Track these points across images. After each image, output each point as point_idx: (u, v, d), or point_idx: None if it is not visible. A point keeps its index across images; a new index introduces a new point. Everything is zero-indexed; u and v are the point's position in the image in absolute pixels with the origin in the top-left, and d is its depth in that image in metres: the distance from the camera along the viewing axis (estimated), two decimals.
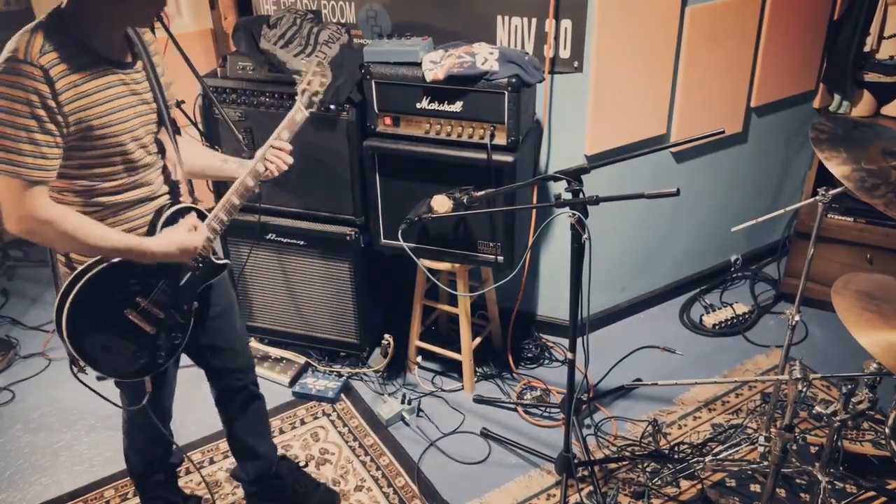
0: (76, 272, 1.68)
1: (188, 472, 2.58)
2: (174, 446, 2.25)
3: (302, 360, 3.04)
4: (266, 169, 1.90)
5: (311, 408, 2.88)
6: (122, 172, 1.70)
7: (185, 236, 1.75)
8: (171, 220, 1.79)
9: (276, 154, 1.90)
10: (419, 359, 3.04)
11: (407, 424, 2.77)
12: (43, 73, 1.48)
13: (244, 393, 2.21)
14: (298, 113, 1.95)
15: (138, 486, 2.27)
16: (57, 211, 1.59)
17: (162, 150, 1.84)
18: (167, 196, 1.85)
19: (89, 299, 1.68)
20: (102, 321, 1.73)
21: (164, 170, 1.85)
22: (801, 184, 3.61)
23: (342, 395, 2.92)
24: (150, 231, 1.78)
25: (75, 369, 1.75)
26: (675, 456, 2.53)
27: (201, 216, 1.85)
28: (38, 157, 1.52)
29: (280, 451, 2.53)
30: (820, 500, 2.04)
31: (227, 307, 2.07)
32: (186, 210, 1.83)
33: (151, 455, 2.19)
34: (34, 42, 1.50)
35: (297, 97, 1.97)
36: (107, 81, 1.61)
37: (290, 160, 1.94)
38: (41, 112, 1.50)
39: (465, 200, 2.22)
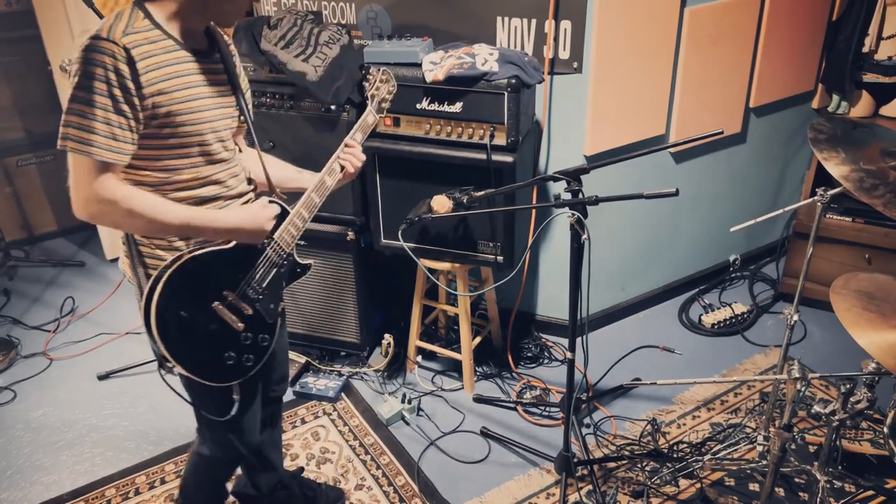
0: (161, 267, 1.63)
1: None
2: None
3: (302, 359, 3.05)
4: (342, 168, 1.93)
5: (312, 407, 2.88)
6: (198, 164, 1.67)
7: (260, 210, 1.73)
8: None
9: (348, 153, 1.94)
10: (419, 358, 3.05)
11: (407, 424, 2.78)
12: (125, 52, 1.46)
13: (276, 404, 2.18)
14: (370, 116, 2.07)
15: None
16: (124, 190, 1.55)
17: (237, 147, 1.82)
18: (246, 195, 1.82)
19: (177, 294, 1.63)
20: (192, 316, 1.66)
21: (239, 168, 1.82)
22: (800, 184, 3.61)
23: (342, 395, 2.92)
24: None
25: (163, 371, 1.70)
26: (674, 455, 2.53)
27: (285, 212, 1.82)
28: (110, 137, 1.49)
29: None
30: (818, 500, 2.05)
31: (286, 337, 2.06)
32: (270, 203, 1.80)
33: (218, 496, 2.13)
34: (119, 23, 1.49)
35: (367, 101, 2.12)
36: (188, 68, 1.60)
37: (363, 157, 1.98)
38: (118, 92, 1.47)
39: (465, 200, 2.23)
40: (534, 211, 2.87)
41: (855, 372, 1.91)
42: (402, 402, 2.80)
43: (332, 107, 2.60)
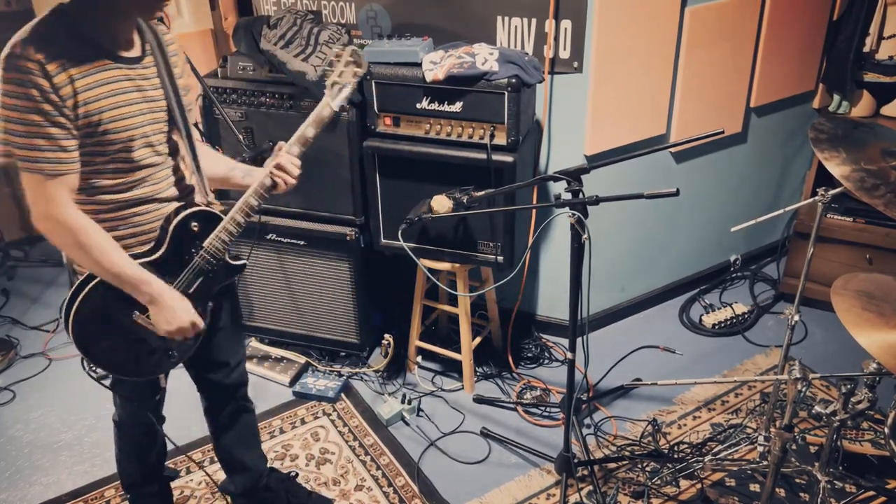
0: (85, 275, 1.68)
1: (189, 471, 2.59)
2: (168, 449, 2.21)
3: (302, 359, 3.05)
4: (274, 184, 1.83)
5: (312, 407, 2.88)
6: (122, 170, 1.66)
7: (191, 314, 1.74)
8: (183, 225, 1.75)
9: (281, 170, 1.82)
10: (419, 358, 3.05)
11: (407, 424, 2.77)
12: (39, 67, 1.46)
13: (233, 406, 2.18)
14: (326, 109, 1.86)
15: (132, 498, 2.23)
16: (81, 221, 1.58)
17: (174, 152, 1.80)
18: (175, 200, 1.80)
19: (96, 301, 1.67)
20: (110, 323, 1.71)
21: (175, 171, 1.80)
22: (801, 184, 3.61)
23: (342, 395, 2.92)
24: (161, 236, 1.74)
25: (87, 367, 1.75)
26: (675, 455, 2.53)
27: (216, 218, 1.80)
28: (56, 150, 1.52)
29: (269, 463, 2.47)
30: (819, 500, 2.05)
31: (230, 324, 2.03)
32: (199, 214, 1.78)
33: (146, 460, 2.15)
34: (31, 37, 1.49)
35: (325, 90, 1.87)
36: (108, 76, 1.58)
37: (295, 174, 1.85)
38: (46, 106, 1.48)
39: (465, 200, 2.22)
40: (534, 211, 2.86)
41: (856, 372, 1.91)
42: (402, 402, 2.80)
43: None
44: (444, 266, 2.72)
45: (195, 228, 1.77)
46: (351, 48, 1.89)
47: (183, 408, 2.89)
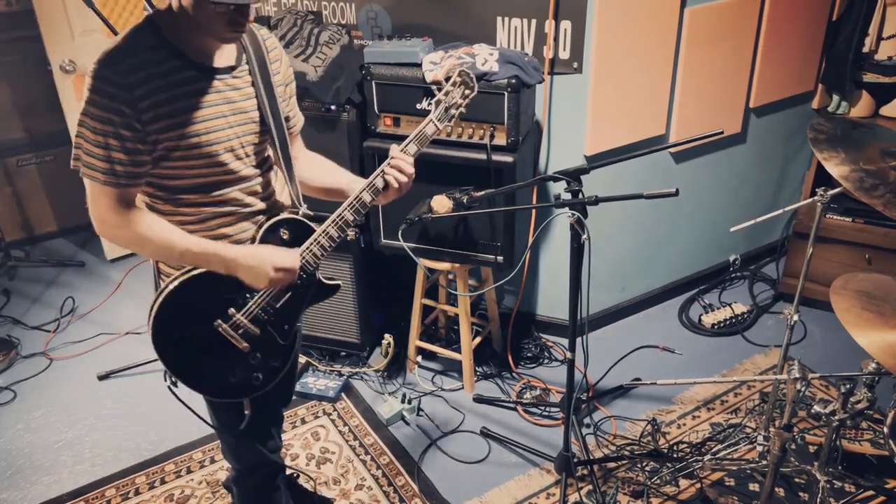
0: (171, 277, 1.62)
1: (189, 471, 2.59)
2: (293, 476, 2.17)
3: (303, 359, 3.05)
4: (385, 184, 1.73)
5: (312, 407, 2.88)
6: (214, 184, 1.61)
7: (279, 254, 1.62)
8: (271, 231, 1.68)
9: (395, 168, 1.73)
10: (419, 358, 3.05)
11: (407, 424, 2.78)
12: (122, 80, 1.44)
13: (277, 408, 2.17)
14: (430, 126, 1.77)
15: None
16: (132, 214, 1.55)
17: (267, 164, 1.73)
18: (264, 213, 1.72)
19: (178, 305, 1.61)
20: (191, 330, 1.64)
21: (267, 185, 1.72)
22: (800, 184, 3.61)
23: (342, 395, 2.92)
24: (251, 241, 1.68)
25: (168, 381, 1.68)
26: (674, 455, 2.53)
27: (307, 229, 1.72)
28: (116, 162, 1.49)
29: None
30: (818, 500, 2.05)
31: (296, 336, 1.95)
32: (289, 221, 1.70)
33: None
34: (119, 48, 1.46)
35: (428, 108, 1.79)
36: (193, 89, 1.53)
37: (411, 171, 1.75)
38: (119, 119, 1.45)
39: (465, 200, 2.22)
40: (534, 211, 2.87)
41: (855, 372, 1.91)
42: (402, 402, 2.80)
43: (332, 107, 2.60)
44: (444, 266, 2.73)
45: (284, 236, 1.69)
46: (460, 69, 1.81)
47: (182, 408, 2.89)
